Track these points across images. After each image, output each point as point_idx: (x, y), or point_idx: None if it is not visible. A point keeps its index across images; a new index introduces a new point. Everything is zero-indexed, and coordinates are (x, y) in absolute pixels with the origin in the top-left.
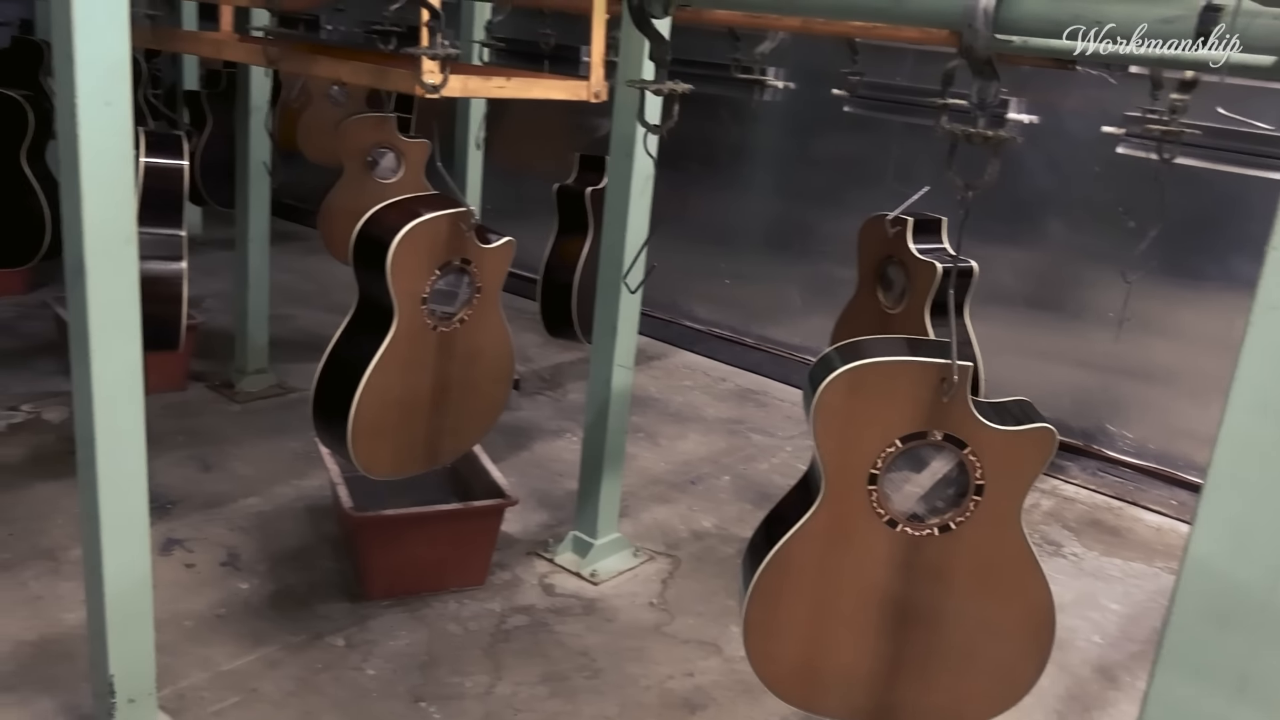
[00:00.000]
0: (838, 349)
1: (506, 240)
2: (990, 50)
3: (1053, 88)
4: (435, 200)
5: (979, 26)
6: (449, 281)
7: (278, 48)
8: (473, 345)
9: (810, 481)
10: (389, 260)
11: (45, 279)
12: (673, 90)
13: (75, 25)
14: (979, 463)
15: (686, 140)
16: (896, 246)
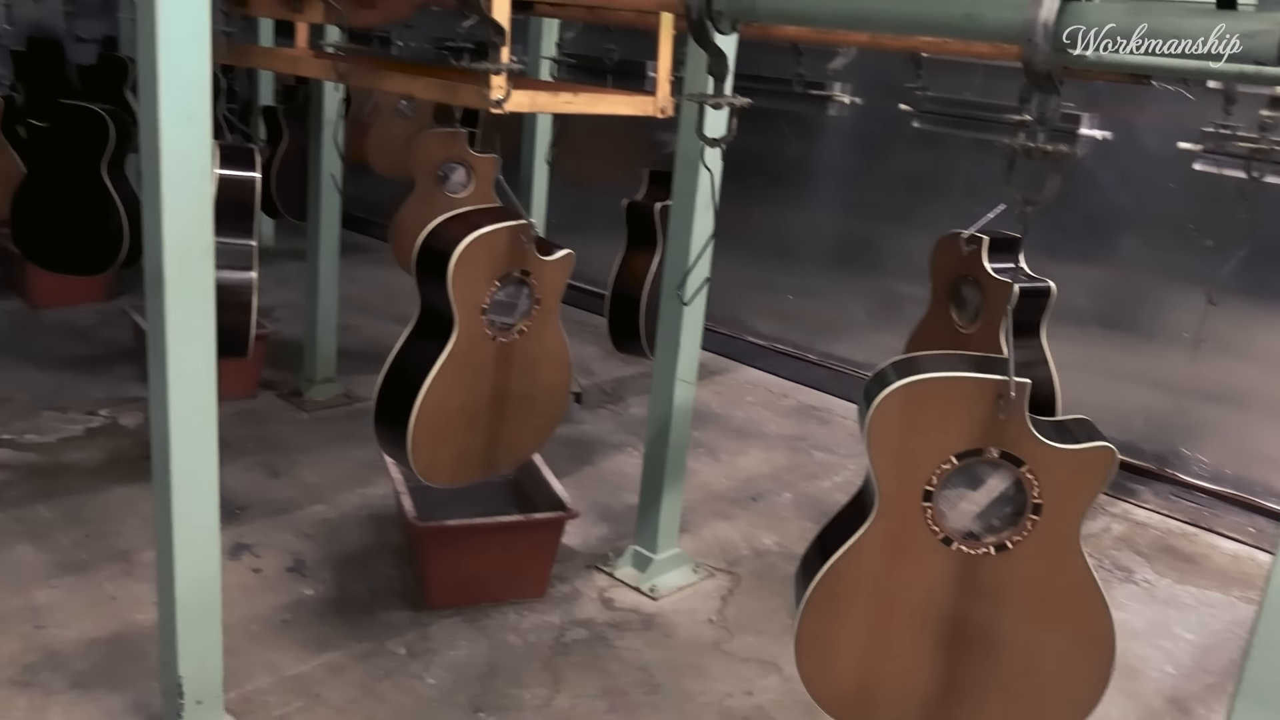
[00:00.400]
0: (894, 364)
1: (565, 253)
2: (1049, 65)
3: (1126, 102)
4: (496, 213)
5: (1039, 41)
6: (508, 293)
7: (348, 63)
8: (531, 356)
9: (864, 497)
10: (450, 271)
11: (125, 287)
12: (731, 104)
13: (160, 43)
14: (1036, 481)
15: (751, 155)
16: (971, 265)
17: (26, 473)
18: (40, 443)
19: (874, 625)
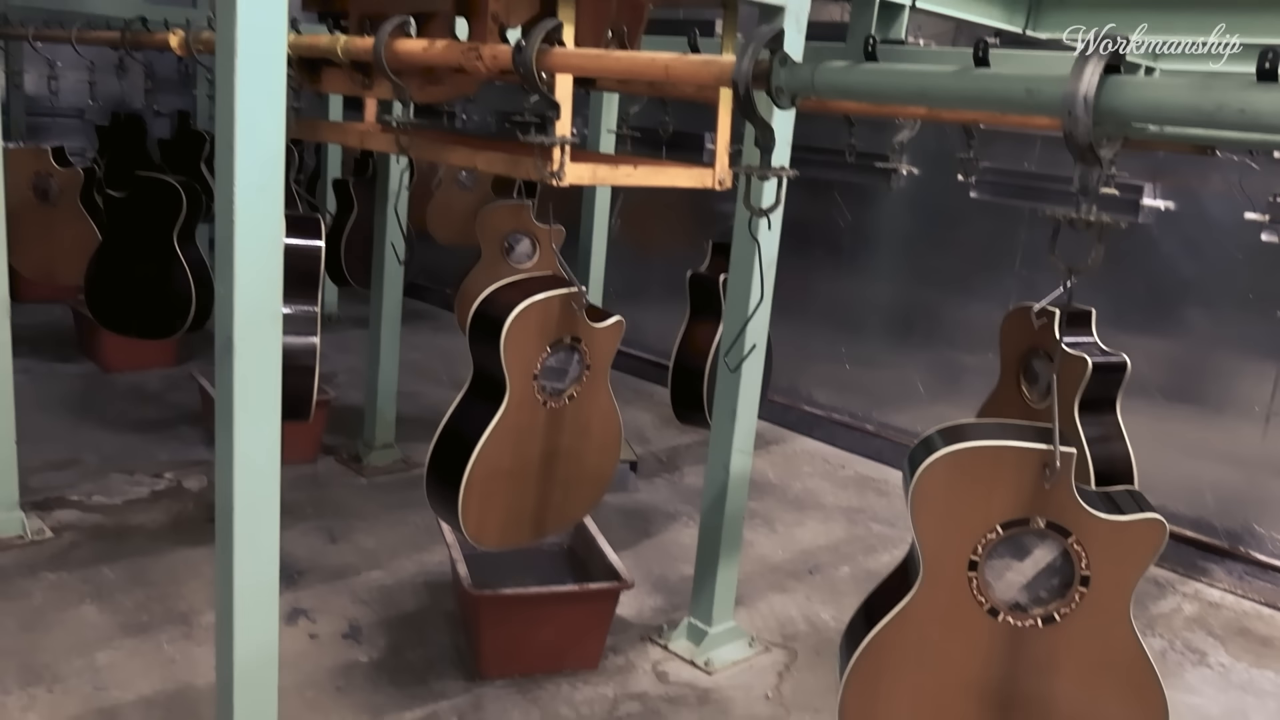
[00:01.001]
0: (940, 431)
1: (616, 320)
2: (1090, 138)
3: (1190, 173)
4: (548, 281)
5: (1079, 114)
6: (559, 358)
7: (408, 136)
8: (581, 420)
9: (909, 566)
10: (503, 337)
11: (193, 352)
12: (778, 175)
13: (238, 121)
14: (1084, 552)
15: (810, 224)
16: (1043, 339)
17: (93, 534)
18: (107, 504)
19: (919, 696)
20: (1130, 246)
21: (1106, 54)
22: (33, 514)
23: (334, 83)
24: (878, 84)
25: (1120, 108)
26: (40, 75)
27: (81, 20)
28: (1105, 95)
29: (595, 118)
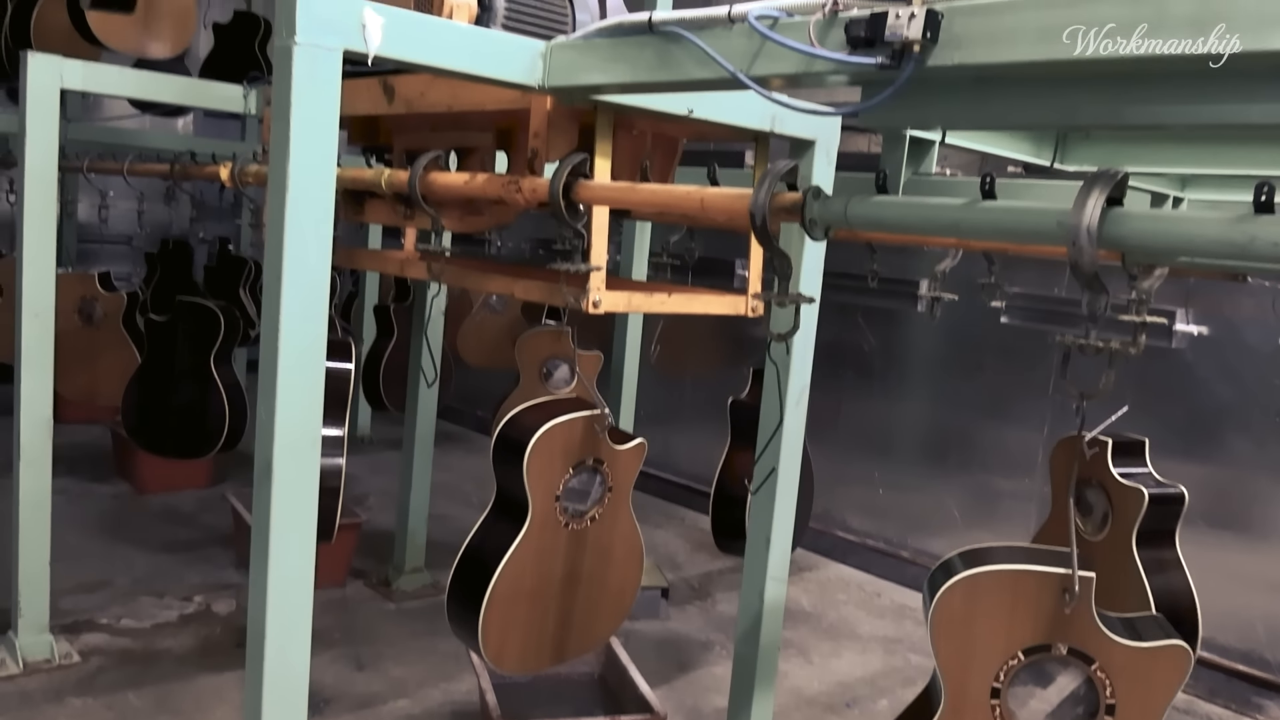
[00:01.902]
0: (960, 554)
1: (638, 442)
2: (1095, 266)
3: (1222, 298)
4: (571, 403)
5: (1083, 244)
6: (582, 480)
7: (440, 263)
8: (603, 543)
9: (932, 693)
10: (526, 458)
11: (226, 473)
12: (795, 301)
13: (286, 250)
14: (1108, 680)
15: (840, 348)
16: (1096, 469)
17: (120, 658)
18: (135, 628)
19: None
20: (1165, 372)
21: (1109, 186)
22: (61, 637)
23: (377, 213)
24: (909, 217)
25: (1123, 238)
26: (92, 204)
27: (135, 153)
28: (1108, 227)
29: (629, 244)
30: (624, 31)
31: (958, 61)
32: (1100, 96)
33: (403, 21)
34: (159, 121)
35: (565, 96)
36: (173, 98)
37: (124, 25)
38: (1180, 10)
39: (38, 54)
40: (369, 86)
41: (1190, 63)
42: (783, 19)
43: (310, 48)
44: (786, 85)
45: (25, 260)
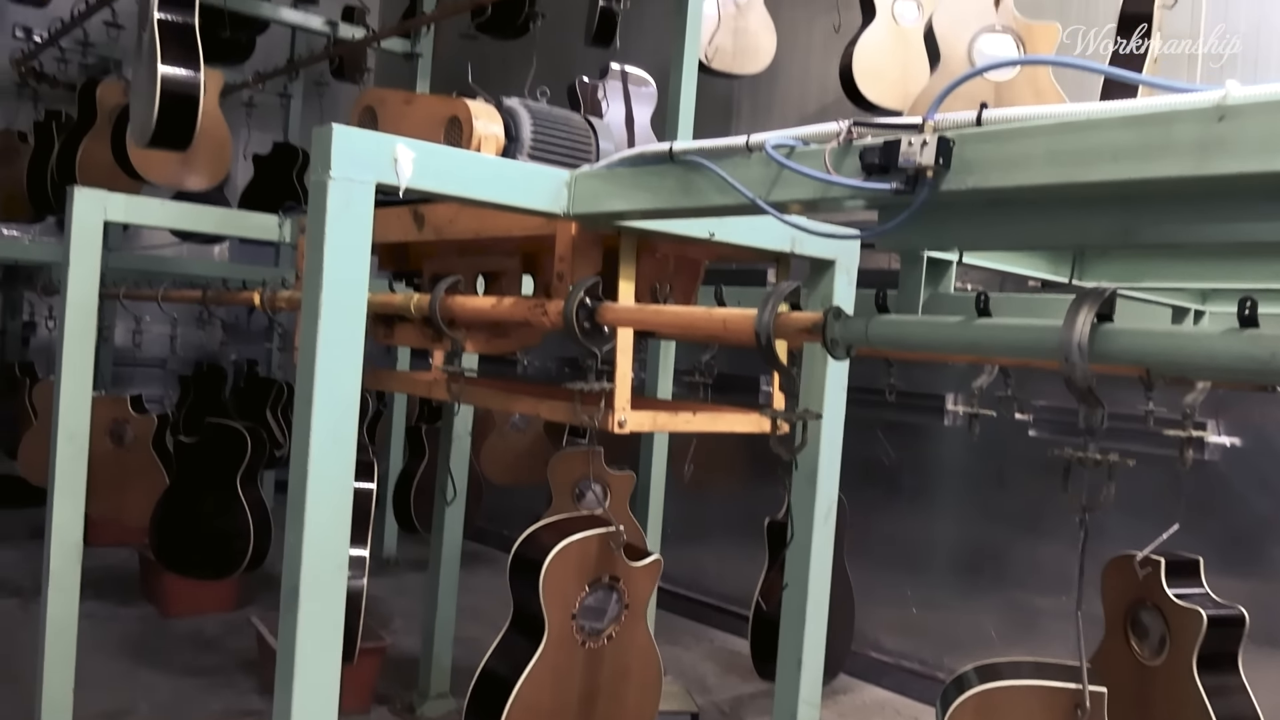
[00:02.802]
0: (976, 668)
1: (654, 559)
2: (1089, 381)
3: (1253, 409)
4: (586, 520)
5: (1075, 360)
6: (598, 598)
7: (459, 384)
8: (620, 661)
9: None
10: (542, 577)
11: (252, 595)
12: (803, 418)
13: (317, 374)
14: None
15: (869, 464)
16: (1150, 590)
17: None
18: None
19: None
20: (1200, 485)
21: (1097, 303)
22: None
23: (406, 336)
24: (930, 336)
25: (1114, 354)
26: (127, 328)
27: (170, 279)
28: (1098, 342)
29: (653, 362)
30: (646, 161)
31: (970, 186)
32: (1113, 216)
33: (433, 155)
34: (196, 248)
35: (589, 223)
36: (211, 228)
37: (164, 160)
38: (1185, 135)
39: (84, 189)
40: (399, 215)
41: (1199, 183)
42: (799, 147)
43: (344, 181)
44: (805, 209)
45: (63, 385)
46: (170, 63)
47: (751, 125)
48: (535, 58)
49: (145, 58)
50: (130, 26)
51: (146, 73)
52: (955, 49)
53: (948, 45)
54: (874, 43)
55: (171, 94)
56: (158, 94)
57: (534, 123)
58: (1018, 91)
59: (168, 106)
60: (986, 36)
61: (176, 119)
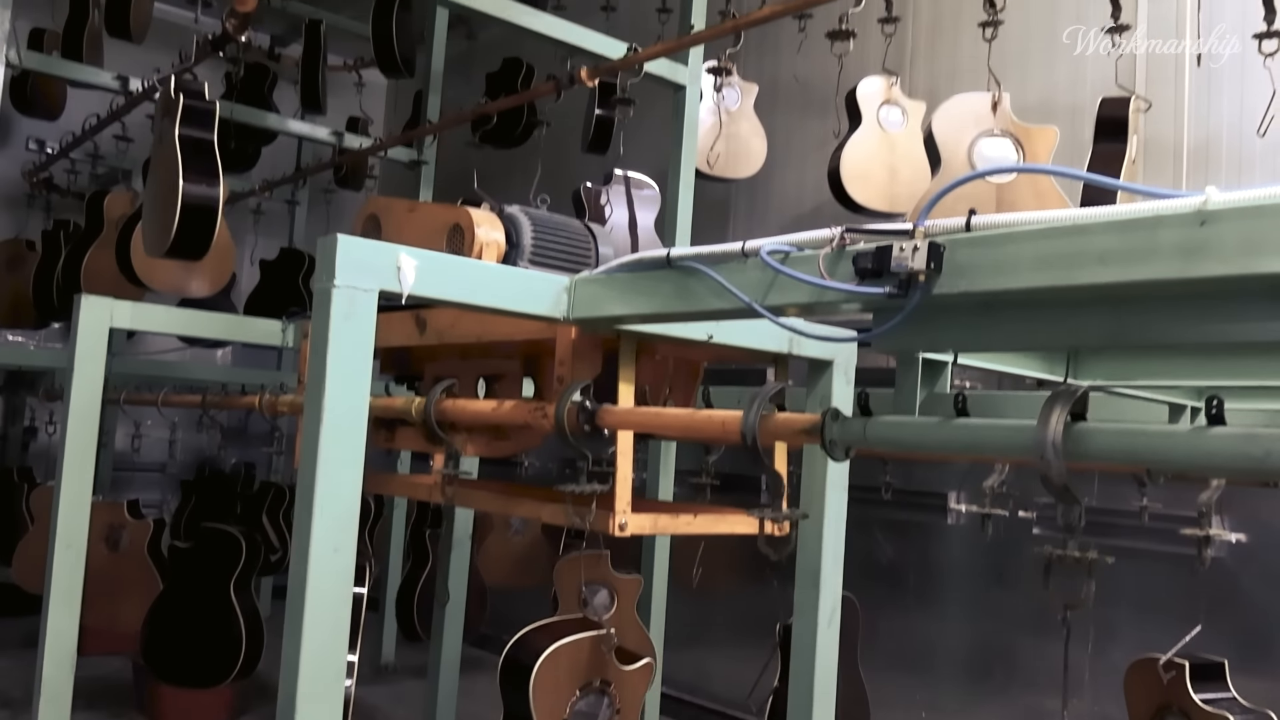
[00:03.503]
0: None
1: (645, 662)
2: (1064, 479)
3: (1258, 504)
4: (577, 624)
5: (1050, 458)
6: (589, 702)
7: (453, 487)
8: None
9: None
10: (532, 681)
11: (248, 705)
12: (789, 519)
13: (319, 481)
14: None
15: (874, 562)
16: (1175, 694)
17: None
18: None
19: None
20: (1208, 582)
21: (1069, 402)
22: None
23: (406, 440)
24: (928, 437)
25: (1089, 452)
26: (126, 433)
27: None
28: (1072, 441)
29: (654, 463)
30: (644, 266)
31: (962, 289)
32: (1103, 317)
33: (436, 264)
34: (200, 352)
35: (589, 326)
36: (216, 334)
37: (169, 268)
38: (1169, 239)
39: (91, 296)
40: (401, 319)
41: (1186, 285)
42: (793, 253)
43: (348, 290)
44: (801, 313)
45: (63, 492)
46: (192, 177)
47: (748, 225)
48: (540, 164)
49: (162, 170)
50: (139, 139)
51: (164, 185)
52: (956, 153)
53: (948, 149)
54: (861, 147)
55: (192, 207)
56: (179, 207)
57: (534, 229)
58: (1019, 193)
59: (188, 219)
60: (986, 140)
61: (195, 231)
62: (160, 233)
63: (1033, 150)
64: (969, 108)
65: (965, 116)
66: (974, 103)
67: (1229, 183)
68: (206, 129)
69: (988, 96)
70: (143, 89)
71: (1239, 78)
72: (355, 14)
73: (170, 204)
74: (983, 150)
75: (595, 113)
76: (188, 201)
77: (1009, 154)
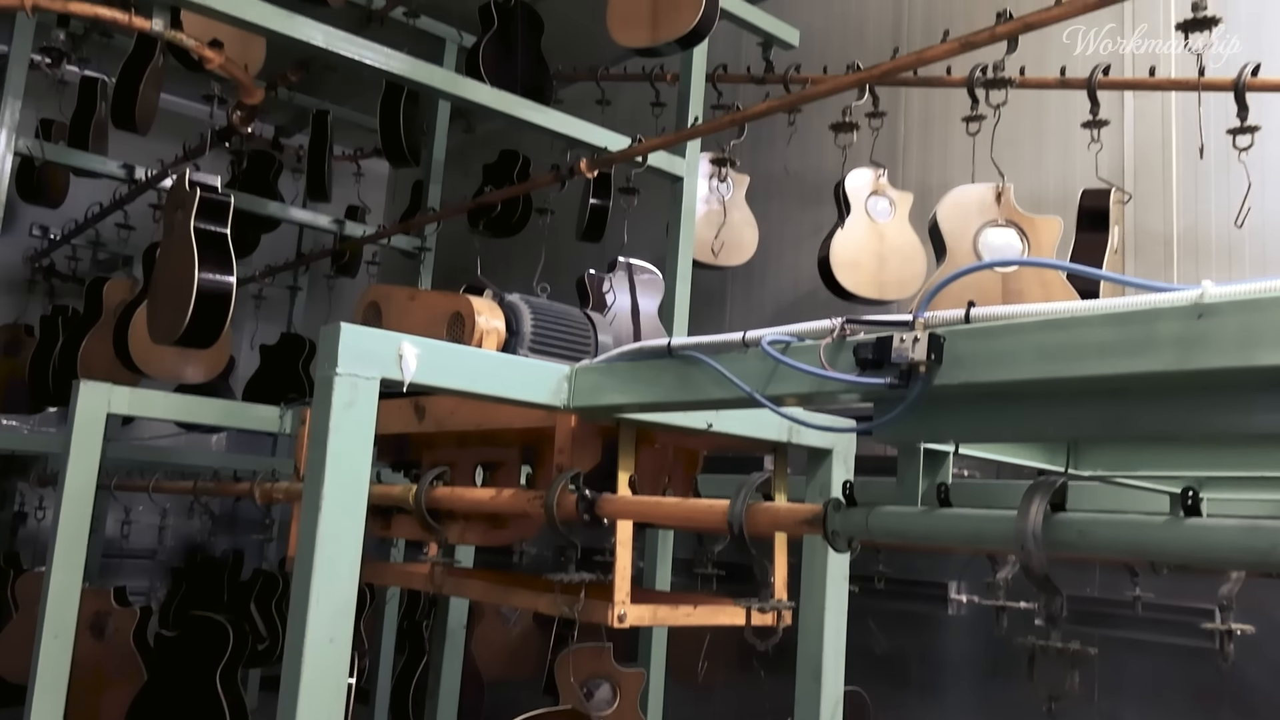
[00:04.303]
0: None
1: None
2: (1045, 570)
3: (1263, 595)
4: (566, 715)
5: (1030, 548)
6: None
7: (441, 574)
8: None
9: None
10: None
11: None
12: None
13: (315, 571)
14: None
15: (875, 656)
16: None
17: None
18: None
19: None
20: (1212, 674)
21: (1049, 493)
22: None
23: (403, 529)
24: (933, 528)
25: (1070, 541)
26: (116, 519)
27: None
28: (1052, 530)
29: (651, 553)
30: (645, 355)
31: (963, 380)
32: (1104, 408)
33: (437, 352)
34: (195, 437)
35: (589, 415)
36: (213, 420)
37: (165, 354)
38: (1167, 332)
39: (89, 383)
40: (400, 406)
41: (1184, 377)
42: (794, 343)
43: (350, 378)
44: (801, 403)
45: (53, 580)
46: (207, 268)
47: (744, 310)
48: (544, 251)
49: (174, 260)
50: (141, 227)
51: (176, 274)
52: (961, 243)
53: (953, 239)
54: (850, 237)
55: (206, 297)
56: (193, 297)
57: (534, 317)
58: (1025, 282)
59: (202, 308)
60: (991, 230)
61: (208, 320)
62: (172, 321)
63: (1037, 240)
64: (973, 197)
65: (969, 206)
66: (978, 193)
67: (1219, 271)
68: (221, 222)
69: (991, 187)
70: (147, 178)
71: (1226, 169)
72: (357, 106)
73: (184, 293)
74: (988, 240)
75: (590, 201)
76: (203, 291)
77: (1014, 243)
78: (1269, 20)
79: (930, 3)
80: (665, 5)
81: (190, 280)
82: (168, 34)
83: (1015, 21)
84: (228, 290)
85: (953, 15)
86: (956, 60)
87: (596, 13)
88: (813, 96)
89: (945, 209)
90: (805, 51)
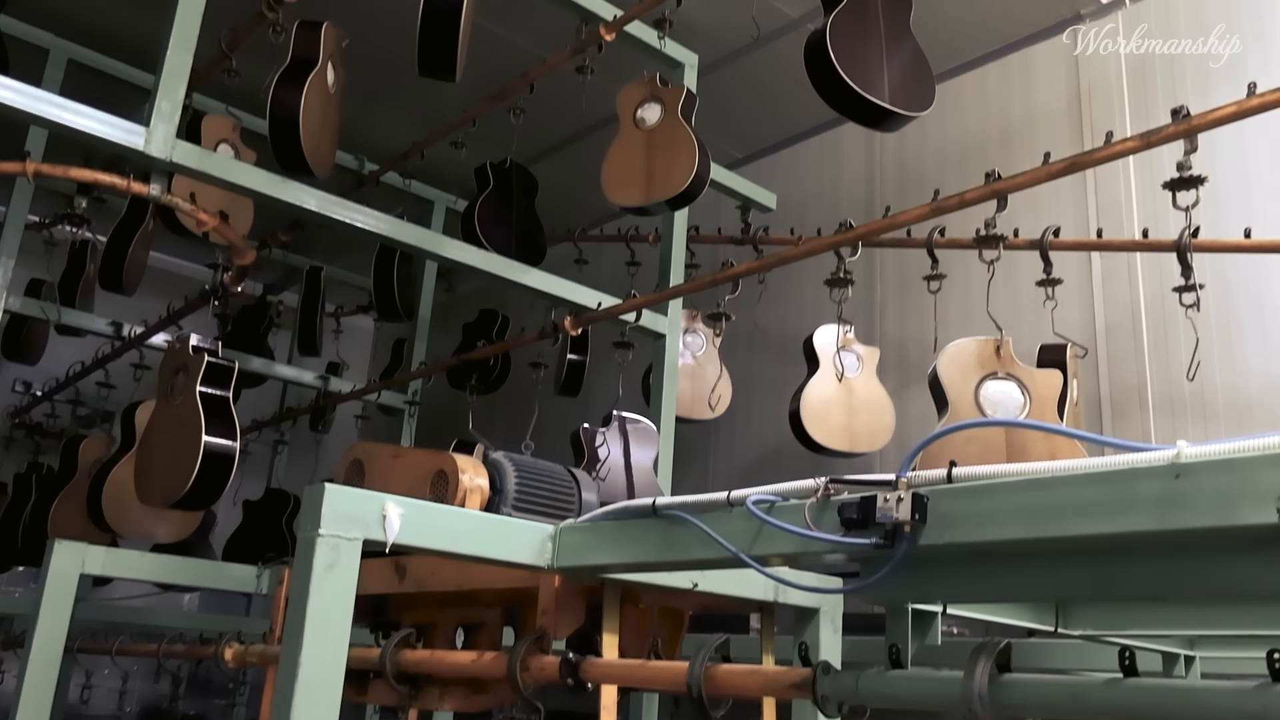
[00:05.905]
0: None
1: None
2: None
3: None
4: None
5: (977, 709)
6: None
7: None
8: None
9: None
10: None
11: None
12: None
13: None
14: None
15: None
16: None
17: None
18: None
19: None
20: None
21: (993, 655)
22: None
23: (379, 694)
24: (922, 692)
25: (1015, 703)
26: (76, 683)
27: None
28: (998, 692)
29: (636, 713)
30: (629, 515)
31: (948, 540)
32: (1089, 568)
33: (421, 511)
34: (167, 596)
35: (573, 575)
36: (189, 580)
37: (140, 514)
38: (1146, 491)
39: (64, 542)
40: (381, 566)
41: (1166, 536)
42: (779, 503)
43: (332, 539)
44: (786, 562)
45: None
46: (213, 431)
47: (727, 461)
48: (536, 406)
49: (176, 423)
50: (121, 385)
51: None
52: (962, 395)
53: (954, 392)
54: (819, 391)
55: (212, 459)
56: (199, 460)
57: (518, 475)
58: (1027, 433)
59: (206, 471)
60: (991, 383)
61: (210, 483)
62: (169, 483)
63: (1037, 392)
64: (971, 351)
65: (968, 360)
66: (976, 347)
67: (1194, 427)
68: (225, 386)
69: (990, 340)
70: (132, 336)
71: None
72: (344, 264)
73: (188, 456)
74: (988, 393)
75: (567, 357)
76: (209, 454)
77: (1014, 396)
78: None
79: (901, 166)
80: (659, 167)
81: (195, 443)
82: (165, 198)
83: (983, 188)
84: (232, 453)
85: (924, 175)
86: (928, 223)
87: (575, 176)
88: (796, 257)
89: (945, 362)
90: (782, 213)
